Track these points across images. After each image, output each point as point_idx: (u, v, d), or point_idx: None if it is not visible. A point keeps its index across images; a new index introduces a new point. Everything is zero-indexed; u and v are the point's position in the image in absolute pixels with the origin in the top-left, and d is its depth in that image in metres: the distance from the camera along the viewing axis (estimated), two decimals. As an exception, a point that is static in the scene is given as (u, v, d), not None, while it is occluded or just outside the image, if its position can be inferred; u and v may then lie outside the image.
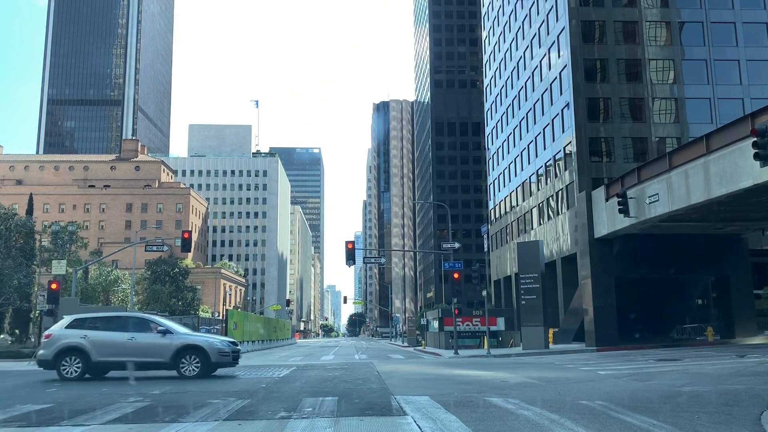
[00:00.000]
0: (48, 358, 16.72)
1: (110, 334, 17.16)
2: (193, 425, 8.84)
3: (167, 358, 16.86)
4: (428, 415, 9.18)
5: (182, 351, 16.93)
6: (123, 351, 16.77)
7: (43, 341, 17.22)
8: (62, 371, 16.54)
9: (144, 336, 17.10)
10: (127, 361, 16.63)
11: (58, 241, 55.46)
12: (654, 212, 33.02)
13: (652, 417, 8.69)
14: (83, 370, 16.59)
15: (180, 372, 16.88)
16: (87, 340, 16.71)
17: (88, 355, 16.61)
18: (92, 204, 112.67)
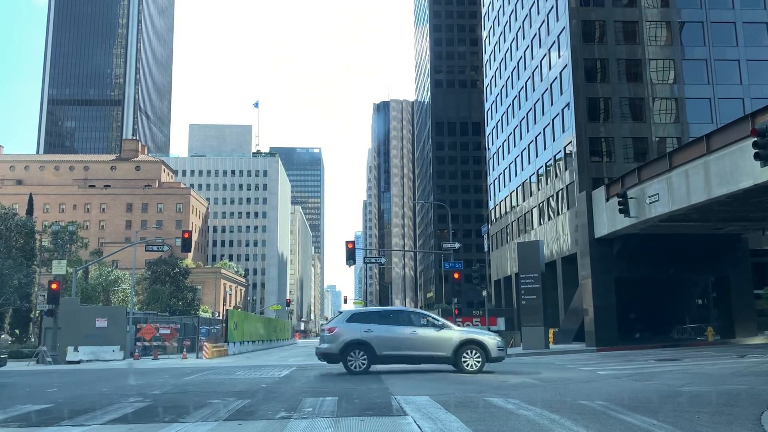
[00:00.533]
0: (334, 351, 16.75)
1: (392, 329, 17.14)
2: (194, 425, 8.84)
3: (449, 352, 16.87)
4: (428, 415, 9.17)
5: (464, 345, 16.88)
6: (405, 345, 16.84)
7: (326, 335, 17.13)
8: (349, 364, 16.61)
9: (424, 330, 17.11)
10: (409, 354, 16.79)
11: (58, 241, 55.51)
12: (654, 212, 33.00)
13: (653, 417, 8.68)
14: (368, 363, 16.65)
15: (460, 367, 16.81)
16: (370, 335, 16.75)
17: (373, 349, 16.64)
18: (92, 204, 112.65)
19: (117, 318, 33.93)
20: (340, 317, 17.64)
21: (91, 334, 31.88)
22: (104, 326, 32.42)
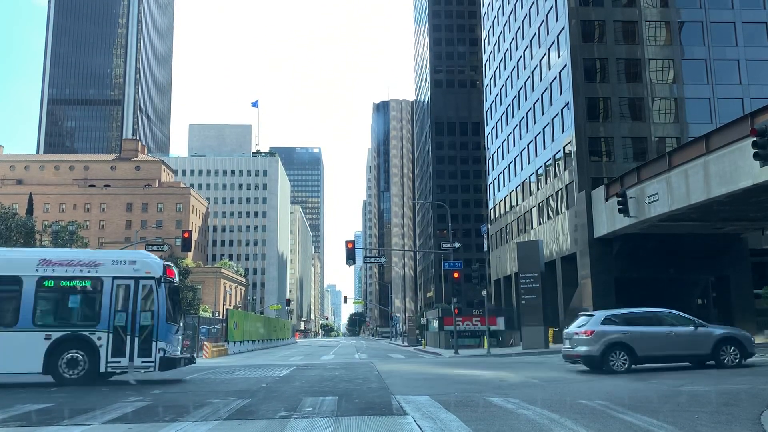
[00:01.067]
0: (595, 354, 16.71)
1: (649, 329, 17.22)
2: (194, 425, 8.84)
3: (708, 350, 16.93)
4: (428, 415, 9.18)
5: (722, 342, 16.99)
6: (664, 345, 16.94)
7: (581, 338, 17.14)
8: (611, 365, 16.52)
9: (682, 329, 17.24)
10: (669, 354, 16.99)
11: (58, 241, 55.44)
12: (654, 212, 33.04)
13: (653, 417, 8.69)
14: (629, 364, 16.66)
15: (719, 362, 16.86)
16: (629, 336, 16.82)
17: (634, 350, 16.68)
18: (92, 204, 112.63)
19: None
20: (593, 320, 17.58)
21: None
22: (104, 326, 32.34)
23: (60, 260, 15.47)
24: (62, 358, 14.83)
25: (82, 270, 15.38)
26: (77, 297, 15.50)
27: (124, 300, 15.31)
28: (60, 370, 14.86)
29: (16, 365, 15.00)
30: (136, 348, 15.12)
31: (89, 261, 15.54)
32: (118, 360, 15.06)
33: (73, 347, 14.90)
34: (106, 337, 15.01)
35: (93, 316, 15.26)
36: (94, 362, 14.93)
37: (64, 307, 15.50)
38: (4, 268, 15.37)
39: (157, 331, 15.29)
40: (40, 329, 14.90)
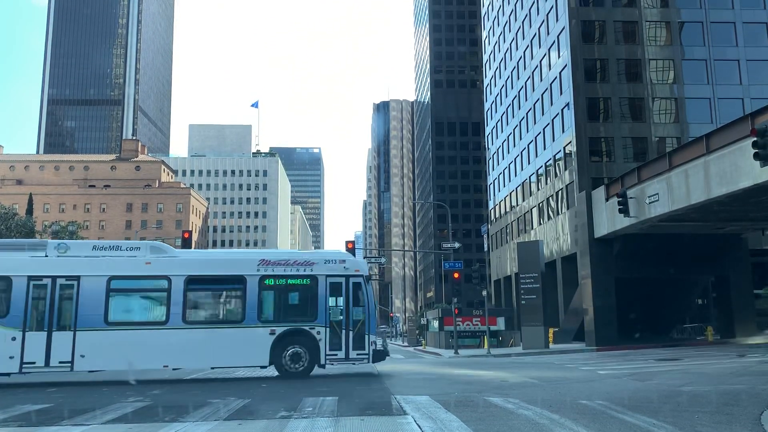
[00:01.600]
0: None
1: None
2: (194, 425, 8.84)
3: None
4: (428, 415, 9.17)
5: None
6: None
7: None
8: None
9: None
10: None
11: (58, 241, 55.51)
12: (654, 212, 33.01)
13: (653, 417, 8.69)
14: None
15: None
16: None
17: None
18: (92, 204, 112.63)
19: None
20: None
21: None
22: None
23: (278, 260, 16.44)
24: (286, 352, 15.88)
25: (298, 269, 16.36)
26: (296, 294, 16.51)
27: (336, 297, 16.32)
28: (284, 362, 15.91)
29: (245, 359, 16.07)
30: (351, 341, 16.15)
31: (303, 260, 16.53)
32: (335, 353, 16.14)
33: (295, 341, 15.92)
34: (324, 331, 16.03)
35: (311, 312, 16.18)
36: (315, 355, 15.95)
37: (284, 304, 16.43)
38: (230, 268, 16.41)
39: (369, 326, 16.37)
40: (265, 325, 15.87)
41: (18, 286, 15.08)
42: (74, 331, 15.13)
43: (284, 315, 16.20)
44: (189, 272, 15.94)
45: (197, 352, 15.65)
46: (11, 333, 14.87)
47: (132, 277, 15.83)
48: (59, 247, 15.82)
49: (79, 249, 16.08)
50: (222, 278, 16.38)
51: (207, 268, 16.52)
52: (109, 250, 16.00)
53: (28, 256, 15.63)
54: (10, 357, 14.75)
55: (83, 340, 15.09)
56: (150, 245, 16.73)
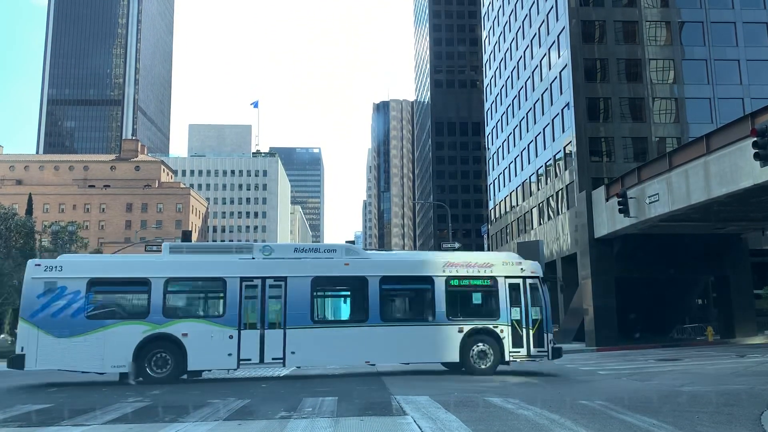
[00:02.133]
0: None
1: None
2: (193, 425, 8.84)
3: None
4: (428, 415, 9.17)
5: None
6: None
7: None
8: None
9: None
10: None
11: (58, 241, 55.49)
12: (654, 212, 33.01)
13: (653, 417, 8.69)
14: None
15: None
16: None
17: None
18: (92, 204, 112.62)
19: (117, 318, 33.85)
20: None
21: (91, 334, 31.81)
22: (104, 326, 32.35)
23: (461, 262, 17.15)
24: (473, 349, 16.45)
25: (479, 270, 17.00)
26: (479, 294, 17.22)
27: (515, 297, 16.91)
28: (471, 359, 16.46)
29: (436, 355, 16.73)
30: (531, 339, 16.71)
31: (483, 262, 17.21)
32: (517, 350, 16.66)
33: (480, 339, 16.53)
34: (507, 329, 16.65)
35: (493, 311, 16.83)
36: (499, 353, 16.53)
37: (469, 303, 17.13)
38: (418, 269, 17.15)
39: (546, 324, 16.94)
40: (453, 323, 16.51)
41: (232, 287, 15.84)
42: (284, 329, 15.83)
43: (469, 314, 16.90)
44: (383, 273, 16.70)
45: (394, 348, 16.38)
46: (228, 331, 15.58)
47: (333, 278, 16.68)
48: (264, 250, 16.67)
49: (282, 251, 17.06)
50: (412, 278, 17.13)
51: (398, 268, 17.29)
52: (308, 252, 16.89)
53: (237, 258, 16.41)
54: (228, 354, 15.49)
55: (292, 338, 15.79)
56: (345, 247, 17.48)
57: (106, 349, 15.08)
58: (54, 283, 15.32)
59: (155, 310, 15.44)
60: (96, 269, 16.16)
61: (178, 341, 15.27)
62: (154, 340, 15.29)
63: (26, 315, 15.31)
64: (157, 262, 16.31)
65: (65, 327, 15.07)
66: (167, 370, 15.26)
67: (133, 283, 15.98)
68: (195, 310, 16.20)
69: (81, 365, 15.29)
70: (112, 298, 15.91)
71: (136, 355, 15.14)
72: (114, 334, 15.20)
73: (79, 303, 15.27)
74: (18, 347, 15.15)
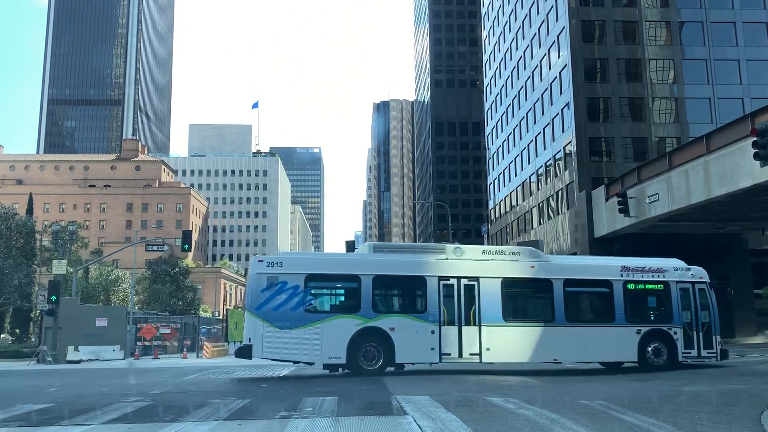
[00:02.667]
0: None
1: None
2: (194, 425, 8.84)
3: None
4: (428, 415, 9.17)
5: None
6: None
7: None
8: None
9: None
10: None
11: (58, 241, 55.41)
12: (654, 212, 33.04)
13: (653, 417, 8.69)
14: None
15: None
16: None
17: None
18: (92, 204, 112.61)
19: (117, 318, 33.94)
20: None
21: (92, 333, 31.89)
22: (104, 326, 32.43)
23: (635, 267, 17.89)
24: (648, 349, 17.19)
25: (652, 275, 17.85)
26: (653, 298, 18.10)
27: (686, 301, 17.79)
28: (648, 358, 17.17)
29: (616, 354, 17.47)
30: (701, 341, 17.46)
31: (656, 268, 18.02)
32: (689, 351, 17.37)
33: (655, 340, 17.26)
34: (679, 332, 17.42)
35: (666, 314, 17.66)
36: (672, 353, 17.21)
37: (644, 307, 17.99)
38: (597, 273, 17.99)
39: (714, 327, 17.70)
40: (631, 325, 17.18)
41: (431, 286, 16.64)
42: (479, 327, 16.57)
43: (644, 316, 17.72)
44: (565, 276, 17.45)
45: (578, 347, 17.07)
46: (430, 327, 16.35)
47: (521, 280, 17.37)
48: (456, 251, 17.39)
49: (472, 253, 17.65)
50: (592, 282, 17.89)
51: (579, 272, 18.01)
52: (495, 254, 17.73)
53: (433, 258, 17.15)
54: (431, 348, 16.30)
55: (486, 335, 16.55)
56: (528, 250, 18.20)
57: (323, 342, 15.85)
58: (276, 278, 16.08)
59: (365, 305, 16.22)
60: (312, 265, 17.08)
61: (387, 335, 16.06)
62: (365, 334, 16.05)
63: (252, 308, 16.03)
64: (364, 261, 17.11)
65: (286, 319, 15.83)
66: (377, 363, 16.13)
67: (344, 279, 16.81)
68: (399, 306, 17.02)
69: (301, 356, 16.13)
70: (326, 293, 16.85)
71: (350, 348, 15.92)
72: (330, 327, 15.96)
73: (298, 297, 16.07)
74: (245, 338, 15.90)
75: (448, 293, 16.59)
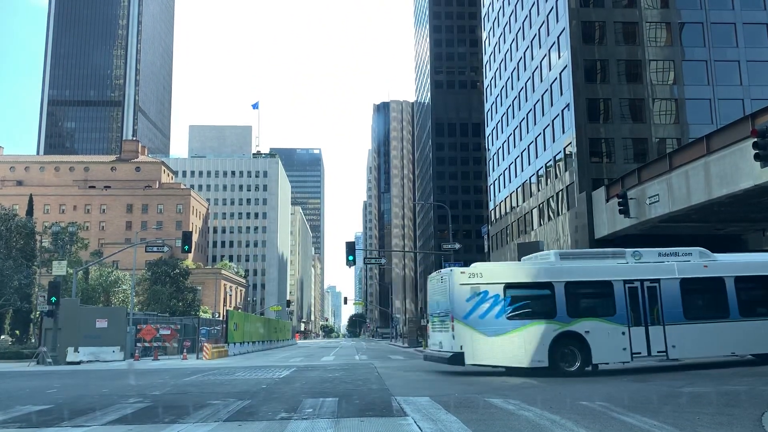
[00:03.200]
0: None
1: None
2: (194, 426, 8.83)
3: None
4: (429, 416, 9.16)
5: None
6: None
7: None
8: None
9: None
10: None
11: (58, 242, 55.45)
12: (654, 213, 33.02)
13: (653, 418, 8.67)
14: None
15: None
16: None
17: None
18: (92, 205, 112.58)
19: (117, 319, 33.92)
20: None
21: (92, 334, 31.88)
22: (104, 327, 32.42)
23: None
24: None
25: None
26: None
27: None
28: None
29: None
30: None
31: None
32: None
33: None
34: None
35: None
36: None
37: None
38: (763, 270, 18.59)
39: None
40: None
41: (618, 289, 17.51)
42: (663, 326, 17.37)
43: None
44: (736, 273, 18.31)
45: (753, 340, 17.75)
46: (620, 328, 17.15)
47: (697, 279, 18.15)
48: (635, 255, 18.31)
49: (649, 256, 18.45)
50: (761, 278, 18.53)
51: (747, 269, 18.77)
52: (669, 255, 18.49)
53: (615, 263, 18.09)
54: (623, 348, 17.09)
55: (671, 333, 17.35)
56: (698, 251, 18.91)
57: (526, 347, 16.65)
58: (477, 288, 17.04)
59: (560, 311, 17.04)
60: (507, 275, 18.00)
61: (582, 338, 16.88)
62: (562, 338, 16.85)
63: (460, 317, 16.89)
64: (552, 268, 17.88)
65: (491, 326, 16.71)
66: (576, 364, 16.78)
67: (538, 287, 17.65)
68: (591, 310, 17.59)
69: (508, 361, 16.82)
70: (523, 300, 17.35)
71: (551, 351, 16.66)
72: (531, 332, 16.78)
73: (499, 305, 16.96)
74: (456, 345, 16.69)
75: (633, 295, 17.51)
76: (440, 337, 17.76)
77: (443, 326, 17.49)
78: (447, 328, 17.11)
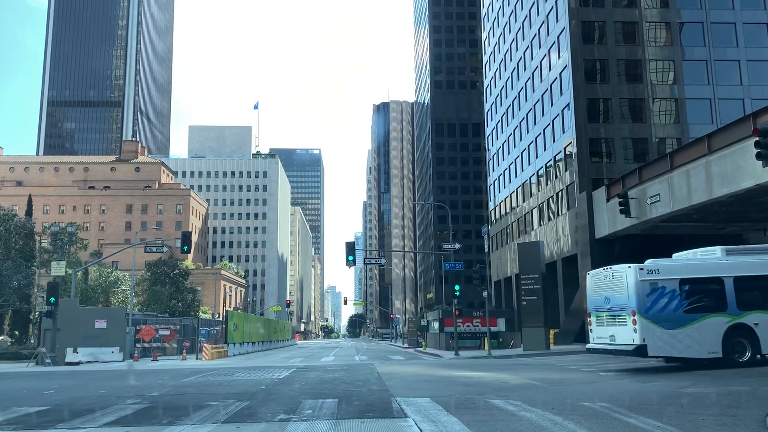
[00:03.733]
0: None
1: None
2: (192, 428, 8.76)
3: None
4: (429, 417, 9.09)
5: None
6: None
7: None
8: None
9: None
10: None
11: (57, 243, 55.38)
12: (655, 212, 32.95)
13: (656, 419, 8.60)
14: None
15: None
16: None
17: None
18: (92, 205, 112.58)
19: (116, 319, 33.85)
20: None
21: (91, 335, 31.82)
22: (104, 327, 32.35)
23: None
24: None
25: None
26: None
27: None
28: None
29: None
30: None
31: None
32: None
33: None
34: None
35: None
36: None
37: None
38: None
39: None
40: None
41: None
42: None
43: None
44: None
45: None
46: None
47: None
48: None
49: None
50: None
51: None
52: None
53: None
54: None
55: None
56: None
57: (702, 339, 17.34)
58: (656, 284, 17.79)
59: (731, 304, 17.76)
60: (682, 271, 18.58)
61: (752, 330, 17.60)
62: (733, 330, 17.54)
63: (642, 311, 17.50)
64: (722, 264, 18.66)
65: (670, 320, 17.40)
66: (747, 355, 17.47)
67: (709, 282, 18.34)
68: (758, 303, 18.14)
69: (686, 352, 17.55)
70: (697, 294, 18.06)
71: (724, 343, 17.36)
72: (705, 325, 17.49)
73: (676, 300, 17.73)
74: (639, 338, 17.21)
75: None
76: (612, 331, 18.33)
77: (616, 320, 18.12)
78: (623, 322, 17.76)
